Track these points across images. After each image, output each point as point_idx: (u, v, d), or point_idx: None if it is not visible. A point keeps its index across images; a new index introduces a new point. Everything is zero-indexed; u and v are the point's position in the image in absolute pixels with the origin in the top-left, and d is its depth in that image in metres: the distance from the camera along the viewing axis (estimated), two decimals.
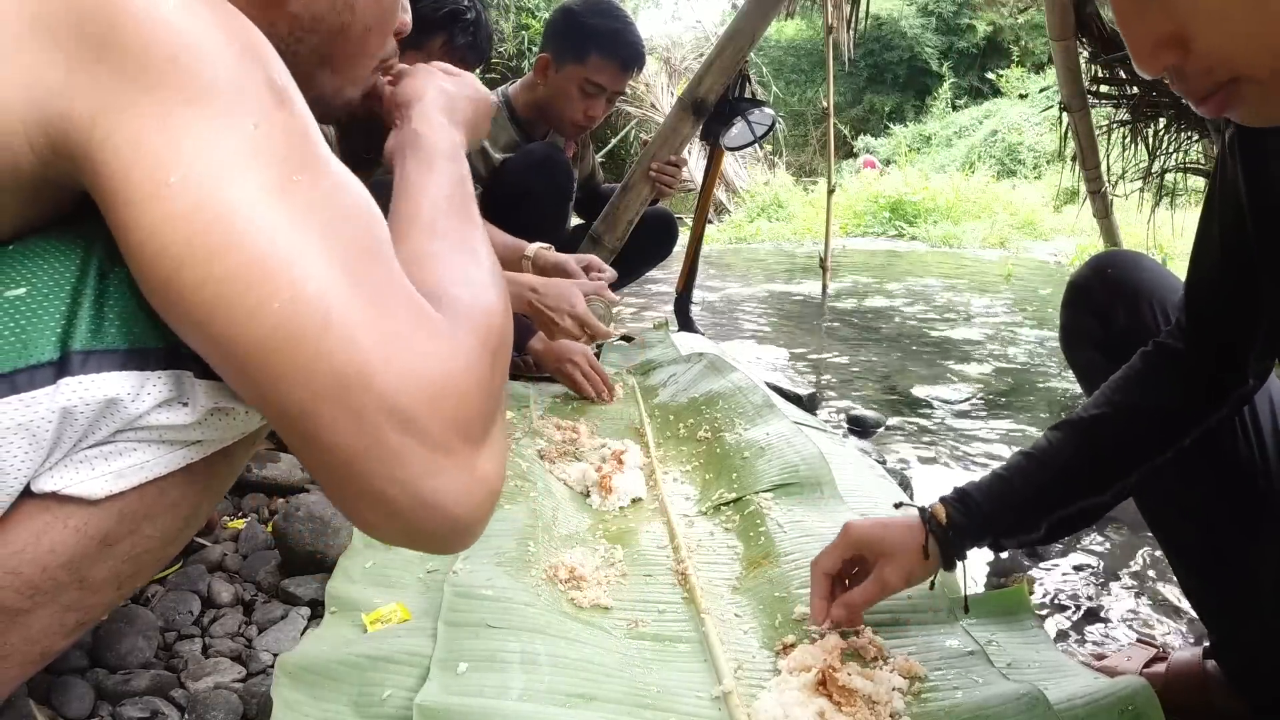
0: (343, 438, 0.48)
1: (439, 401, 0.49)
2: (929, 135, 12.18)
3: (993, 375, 2.72)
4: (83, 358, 0.50)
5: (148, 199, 0.46)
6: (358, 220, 0.52)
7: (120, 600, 0.62)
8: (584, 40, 2.06)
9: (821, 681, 0.80)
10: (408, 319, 0.50)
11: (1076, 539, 1.49)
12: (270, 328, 0.46)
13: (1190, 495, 0.90)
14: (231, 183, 0.47)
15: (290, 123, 0.51)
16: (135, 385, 0.52)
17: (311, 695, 0.80)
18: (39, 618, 0.55)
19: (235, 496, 1.38)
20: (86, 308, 0.51)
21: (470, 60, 1.75)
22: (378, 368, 0.47)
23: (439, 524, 0.51)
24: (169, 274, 0.47)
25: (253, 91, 0.50)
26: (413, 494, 0.49)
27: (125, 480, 0.54)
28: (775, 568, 1.08)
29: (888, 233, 7.78)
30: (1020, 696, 0.76)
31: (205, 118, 0.48)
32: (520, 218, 2.11)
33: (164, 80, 0.47)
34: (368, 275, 0.50)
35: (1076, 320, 0.98)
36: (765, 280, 5.05)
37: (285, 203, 0.48)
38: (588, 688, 0.83)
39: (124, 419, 0.52)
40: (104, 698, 0.86)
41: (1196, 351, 0.83)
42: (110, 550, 0.56)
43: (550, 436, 1.64)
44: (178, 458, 0.56)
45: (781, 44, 13.89)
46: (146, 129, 0.47)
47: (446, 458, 0.49)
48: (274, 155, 0.49)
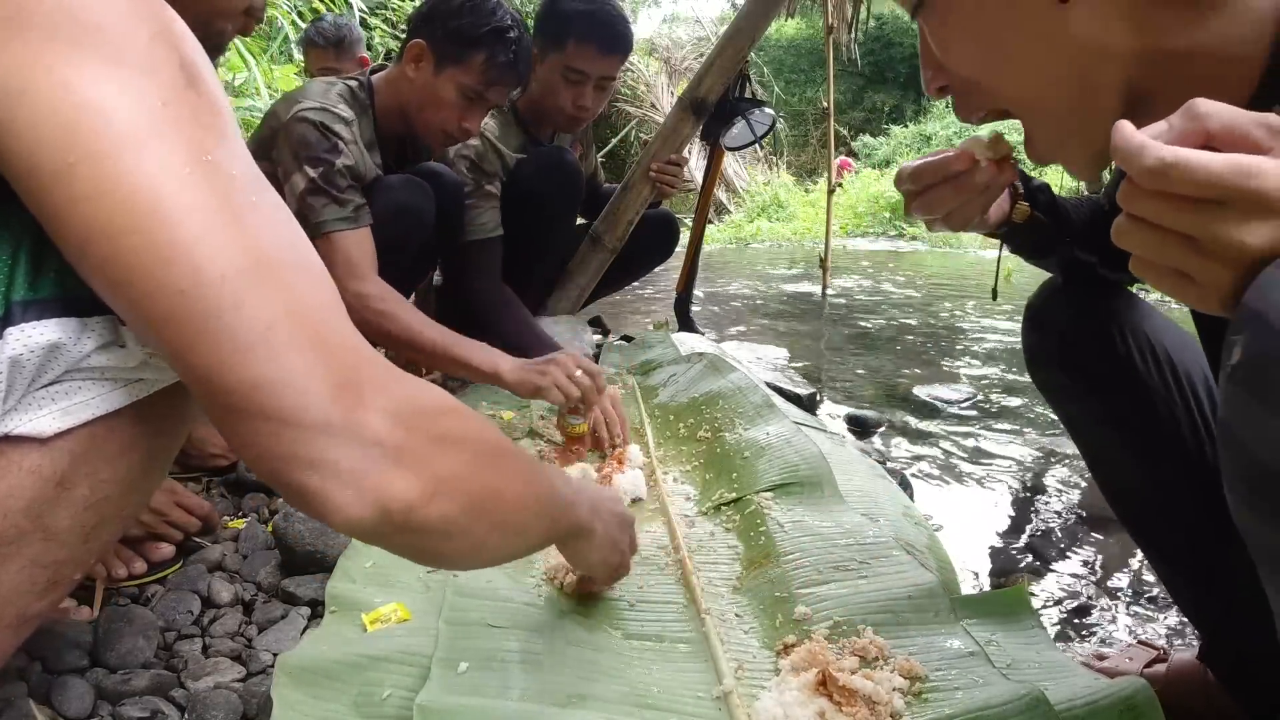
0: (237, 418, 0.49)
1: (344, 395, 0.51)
2: (929, 135, 12.18)
3: (992, 375, 2.72)
4: (23, 308, 0.52)
5: (51, 182, 0.47)
6: (272, 212, 0.53)
7: (90, 557, 0.62)
8: (561, 26, 2.05)
9: (822, 682, 0.80)
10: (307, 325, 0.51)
11: (1076, 539, 1.49)
12: (170, 308, 0.47)
13: (1166, 504, 0.90)
14: (136, 161, 0.47)
15: (199, 103, 0.51)
16: (75, 330, 0.54)
17: (311, 695, 0.80)
18: (7, 573, 0.56)
19: (235, 496, 1.38)
20: (24, 262, 0.52)
21: (508, 79, 1.73)
22: (275, 377, 0.49)
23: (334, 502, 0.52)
24: (78, 250, 0.48)
25: (163, 70, 0.50)
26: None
27: (72, 417, 0.55)
28: (775, 567, 1.08)
29: (888, 233, 7.78)
30: (1020, 697, 0.76)
31: (112, 92, 0.48)
32: (529, 220, 2.12)
33: (75, 46, 0.47)
34: (278, 269, 0.51)
35: (1038, 341, 0.98)
36: (765, 280, 5.05)
37: (193, 185, 0.49)
38: (588, 688, 0.83)
39: (68, 361, 0.54)
40: (104, 697, 0.86)
41: None
42: (68, 494, 0.57)
43: (550, 437, 1.64)
44: (122, 395, 0.58)
45: (782, 43, 13.89)
46: (47, 108, 0.46)
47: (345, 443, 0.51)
48: (182, 135, 0.49)
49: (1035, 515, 1.62)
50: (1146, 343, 0.89)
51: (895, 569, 1.03)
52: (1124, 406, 0.90)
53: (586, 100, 2.11)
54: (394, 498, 0.53)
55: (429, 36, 1.70)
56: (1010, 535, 1.54)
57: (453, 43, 1.68)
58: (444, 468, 0.56)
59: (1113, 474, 0.98)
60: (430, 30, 1.70)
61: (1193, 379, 0.88)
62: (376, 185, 1.75)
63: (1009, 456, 1.95)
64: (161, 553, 1.10)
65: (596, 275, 2.54)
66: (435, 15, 1.71)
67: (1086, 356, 0.91)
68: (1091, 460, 1.00)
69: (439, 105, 1.72)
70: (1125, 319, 0.90)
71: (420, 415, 0.55)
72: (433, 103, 1.72)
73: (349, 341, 0.53)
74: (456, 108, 1.72)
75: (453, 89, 1.70)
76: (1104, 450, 0.97)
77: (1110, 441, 0.94)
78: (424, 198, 1.80)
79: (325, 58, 2.78)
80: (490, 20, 1.67)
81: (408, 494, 0.53)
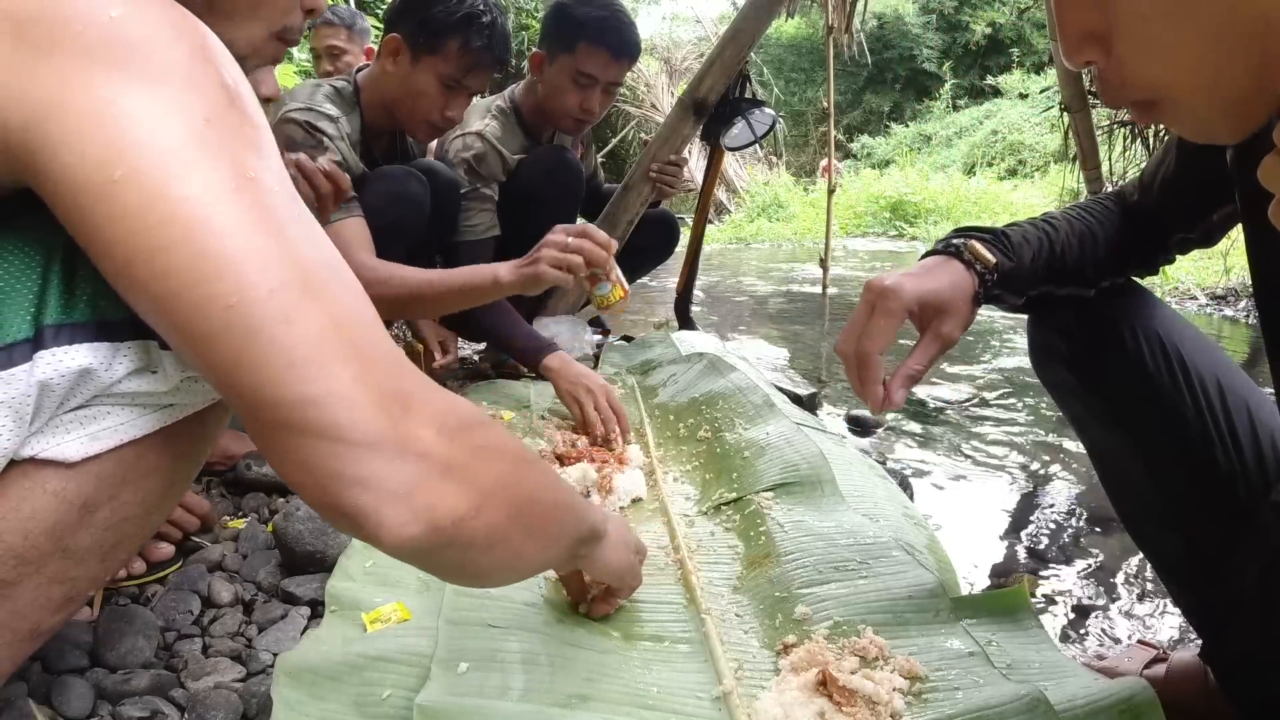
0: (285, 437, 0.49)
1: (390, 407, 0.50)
2: (929, 135, 12.18)
3: (993, 375, 2.72)
4: (55, 331, 0.51)
5: (93, 200, 0.46)
6: (309, 228, 0.53)
7: (106, 574, 0.62)
8: (573, 30, 2.05)
9: (822, 682, 0.80)
10: (350, 344, 0.50)
11: (1076, 539, 1.49)
12: (217, 324, 0.47)
13: (1171, 506, 0.89)
14: (181, 178, 0.47)
15: (241, 121, 0.51)
16: (107, 355, 0.53)
17: (311, 695, 0.80)
18: (25, 590, 0.55)
19: (235, 496, 1.38)
20: (56, 284, 0.52)
21: (485, 64, 1.73)
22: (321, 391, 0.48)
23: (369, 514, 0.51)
24: (119, 268, 0.47)
25: (205, 88, 0.50)
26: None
27: (100, 443, 0.55)
28: (776, 567, 1.08)
29: (888, 233, 7.78)
30: (1021, 697, 0.76)
31: (155, 111, 0.47)
32: (529, 220, 2.12)
33: (114, 65, 0.47)
34: (322, 285, 0.50)
35: (1042, 337, 0.97)
36: (765, 280, 5.05)
37: (237, 202, 0.48)
38: (588, 688, 0.83)
39: (98, 386, 0.53)
40: (104, 697, 0.86)
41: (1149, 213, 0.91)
42: (91, 517, 0.57)
43: (550, 437, 1.64)
44: (151, 421, 0.57)
45: (782, 43, 13.90)
46: (88, 125, 0.46)
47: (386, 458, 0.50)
48: (225, 152, 0.49)
49: (1035, 515, 1.62)
50: (1158, 342, 0.87)
51: (895, 569, 1.03)
52: (1132, 406, 0.88)
53: (593, 104, 2.12)
54: (445, 511, 0.52)
55: (403, 29, 1.71)
56: (1010, 535, 1.54)
57: (426, 33, 1.69)
58: (489, 478, 0.56)
59: (1117, 474, 0.97)
60: (404, 23, 1.71)
61: (1205, 381, 0.85)
62: (374, 175, 1.77)
63: (1009, 456, 1.95)
64: (161, 553, 1.10)
65: None
66: (408, 7, 1.72)
67: (1094, 354, 0.90)
68: (1097, 459, 0.99)
69: (420, 96, 1.73)
70: (1137, 316, 0.88)
71: (462, 427, 0.55)
72: (413, 94, 1.73)
73: (390, 355, 0.53)
74: (437, 97, 1.73)
75: (431, 79, 1.71)
76: (1110, 450, 0.96)
77: (1116, 441, 0.93)
78: (421, 187, 1.81)
79: (336, 35, 2.81)
80: (461, 7, 1.67)
81: (458, 507, 0.53)
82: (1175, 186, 0.88)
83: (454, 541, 0.54)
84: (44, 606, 0.57)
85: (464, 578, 0.64)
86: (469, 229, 2.03)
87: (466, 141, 2.07)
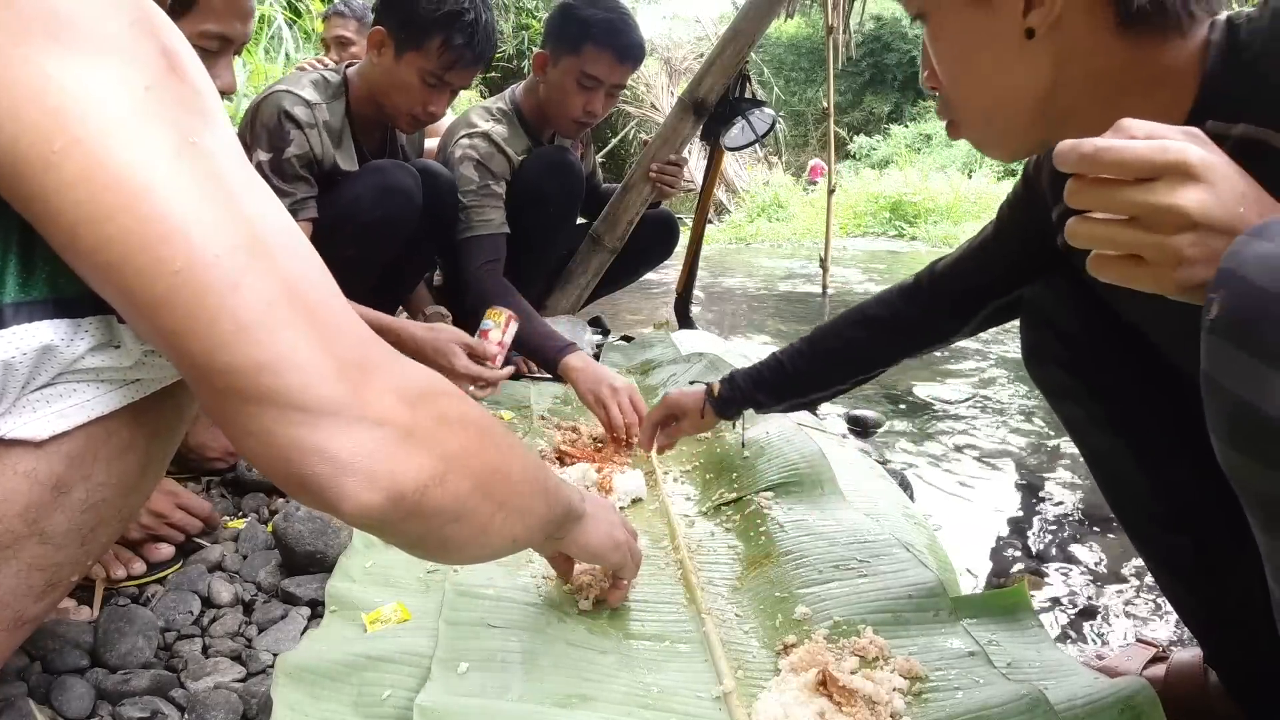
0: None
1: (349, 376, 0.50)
2: (929, 135, 12.19)
3: (993, 375, 2.72)
4: (14, 309, 0.51)
5: (37, 171, 0.45)
6: (262, 196, 0.52)
7: (89, 558, 0.61)
8: (579, 32, 2.05)
9: (822, 682, 0.80)
10: (305, 309, 0.50)
11: (1076, 539, 1.49)
12: (165, 289, 0.46)
13: (1174, 508, 0.89)
14: (122, 145, 0.46)
15: (183, 89, 0.50)
16: (68, 332, 0.52)
17: (311, 695, 0.80)
18: (4, 576, 0.55)
19: (235, 496, 1.38)
20: (13, 263, 0.51)
21: (467, 63, 1.73)
22: (272, 358, 0.48)
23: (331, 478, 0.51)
24: (66, 240, 0.47)
25: (144, 56, 0.49)
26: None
27: (67, 420, 0.54)
28: (776, 567, 1.08)
29: (888, 233, 7.78)
30: (1021, 697, 0.76)
31: (94, 80, 0.46)
32: (530, 219, 2.12)
33: (51, 37, 0.46)
34: (273, 250, 0.50)
35: (1036, 337, 0.96)
36: (765, 280, 5.05)
37: (180, 166, 0.47)
38: (588, 688, 0.83)
39: (61, 364, 0.53)
40: (104, 698, 0.86)
41: (940, 300, 1.10)
42: (65, 498, 0.56)
43: (550, 437, 1.64)
44: (117, 397, 0.57)
45: (782, 42, 13.90)
46: (27, 98, 0.45)
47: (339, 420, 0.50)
48: (167, 118, 0.48)
49: (1035, 515, 1.62)
50: (1152, 341, 0.86)
51: (895, 569, 1.03)
52: (1126, 407, 0.88)
53: (597, 106, 2.11)
54: (407, 479, 0.52)
55: (389, 23, 1.72)
56: (1010, 535, 1.54)
57: (410, 28, 1.69)
58: (452, 446, 0.55)
59: (1113, 475, 0.96)
60: (390, 16, 1.72)
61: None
62: (364, 169, 1.79)
63: (1009, 457, 1.95)
64: (161, 553, 1.10)
65: (596, 275, 2.54)
66: (394, 1, 1.72)
67: (1087, 354, 0.89)
68: (1091, 460, 0.99)
69: (402, 90, 1.74)
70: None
71: (424, 395, 0.54)
72: (396, 88, 1.74)
73: (348, 321, 0.52)
74: (419, 92, 1.74)
75: (414, 74, 1.72)
76: (1104, 450, 0.96)
77: (1111, 442, 0.93)
78: (411, 179, 1.82)
79: (345, 26, 2.81)
80: (444, 4, 1.67)
81: (420, 474, 0.52)
82: (961, 270, 1.10)
83: (418, 511, 0.53)
84: (25, 594, 0.57)
85: (432, 551, 0.63)
86: (483, 223, 2.02)
87: (474, 142, 2.07)
